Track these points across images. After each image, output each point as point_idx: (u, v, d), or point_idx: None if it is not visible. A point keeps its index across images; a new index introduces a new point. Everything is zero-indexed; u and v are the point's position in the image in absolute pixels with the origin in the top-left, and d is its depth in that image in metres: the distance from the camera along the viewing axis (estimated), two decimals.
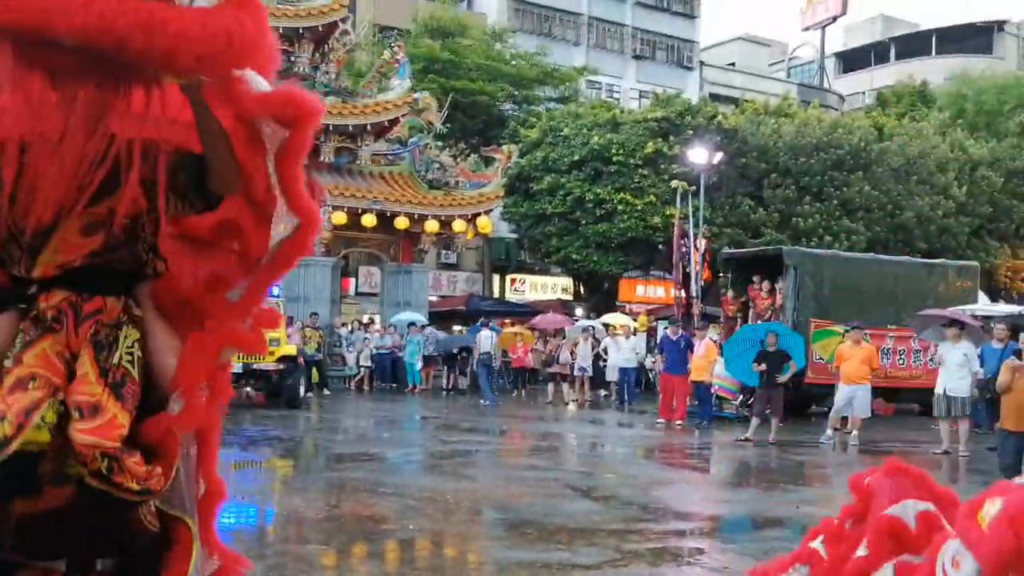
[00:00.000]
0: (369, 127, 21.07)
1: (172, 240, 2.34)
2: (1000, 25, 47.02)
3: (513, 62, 32.93)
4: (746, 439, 12.52)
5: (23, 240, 2.13)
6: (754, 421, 12.83)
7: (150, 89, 1.89)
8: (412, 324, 20.90)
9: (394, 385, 21.04)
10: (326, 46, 21.53)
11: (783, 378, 12.83)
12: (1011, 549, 1.41)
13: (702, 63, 43.43)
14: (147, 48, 1.71)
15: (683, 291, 20.12)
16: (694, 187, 21.18)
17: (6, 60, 1.78)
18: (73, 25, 1.66)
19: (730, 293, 17.44)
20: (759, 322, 15.78)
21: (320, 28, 20.55)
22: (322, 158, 20.84)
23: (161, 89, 1.98)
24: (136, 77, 1.84)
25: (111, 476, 2.04)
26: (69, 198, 2.06)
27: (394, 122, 21.61)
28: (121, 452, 2.06)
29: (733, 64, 46.61)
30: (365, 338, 20.70)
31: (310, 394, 17.34)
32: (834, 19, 43.12)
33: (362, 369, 20.67)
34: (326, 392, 17.97)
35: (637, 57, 41.23)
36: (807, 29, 44.20)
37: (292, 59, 20.39)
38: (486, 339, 19.60)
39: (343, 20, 21.28)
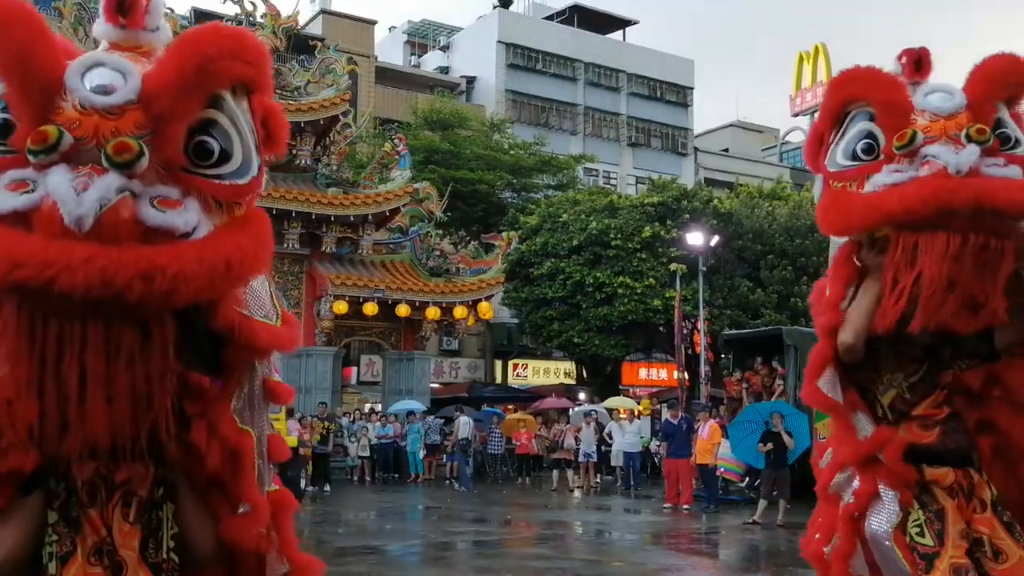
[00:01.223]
0: (371, 217, 21.36)
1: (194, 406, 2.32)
2: None
3: (511, 151, 33.60)
4: (754, 522, 12.32)
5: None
6: (761, 503, 12.65)
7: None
8: (412, 412, 20.79)
9: (396, 475, 20.79)
10: (328, 139, 22.00)
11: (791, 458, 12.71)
12: None
13: (696, 149, 44.28)
14: (147, 294, 1.78)
15: (685, 373, 20.11)
16: (690, 271, 21.37)
17: (11, 315, 1.85)
18: (75, 282, 1.73)
19: (736, 375, 17.41)
20: (757, 402, 15.71)
21: (322, 121, 21.02)
22: (324, 248, 21.07)
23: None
24: (135, 314, 1.90)
25: None
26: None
27: (395, 212, 21.92)
28: None
29: (727, 150, 47.53)
30: (364, 427, 20.51)
31: (312, 487, 17.13)
32: None
33: (360, 460, 20.41)
34: (327, 487, 17.69)
35: (633, 145, 42.06)
36: (797, 115, 45.22)
37: (294, 152, 20.80)
38: (464, 425, 19.62)
39: (344, 114, 21.78)
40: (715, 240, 23.73)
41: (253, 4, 21.05)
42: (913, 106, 2.83)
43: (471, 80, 40.72)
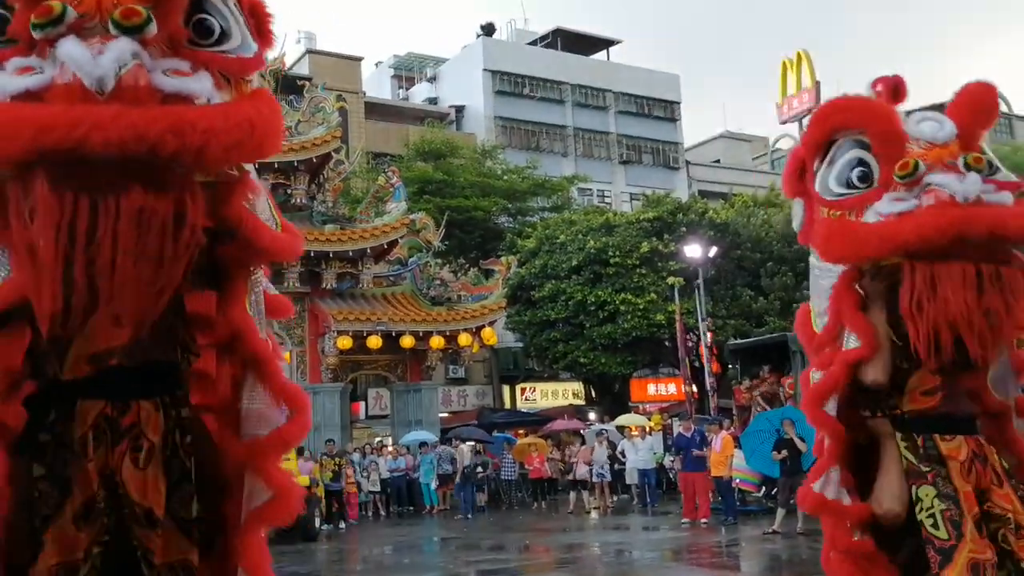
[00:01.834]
0: (369, 251, 21.40)
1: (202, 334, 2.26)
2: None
3: (504, 177, 33.73)
4: (774, 531, 12.25)
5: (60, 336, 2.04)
6: (780, 512, 12.58)
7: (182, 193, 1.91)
8: (423, 444, 20.71)
9: (411, 508, 20.68)
10: (321, 176, 22.09)
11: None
12: None
13: (688, 162, 44.44)
14: (179, 149, 1.77)
15: (693, 386, 20.07)
16: (691, 283, 21.39)
17: (41, 185, 1.78)
18: (108, 138, 1.71)
19: (745, 383, 17.37)
20: (765, 410, 15.66)
21: (314, 159, 21.12)
22: (324, 285, 21.10)
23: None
24: (166, 182, 1.87)
25: None
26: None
27: (393, 244, 21.97)
28: None
29: (718, 161, 47.69)
30: (372, 462, 20.37)
31: (327, 525, 17.04)
32: (809, 111, 44.30)
33: (370, 495, 20.21)
34: (342, 524, 17.59)
35: (624, 162, 42.23)
36: (785, 122, 45.42)
37: (288, 191, 20.90)
38: (464, 453, 19.58)
39: (336, 150, 21.89)
40: (713, 251, 23.77)
41: None
42: (907, 135, 2.90)
43: (460, 109, 40.96)
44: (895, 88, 3.08)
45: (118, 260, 1.83)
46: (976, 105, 2.97)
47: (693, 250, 22.89)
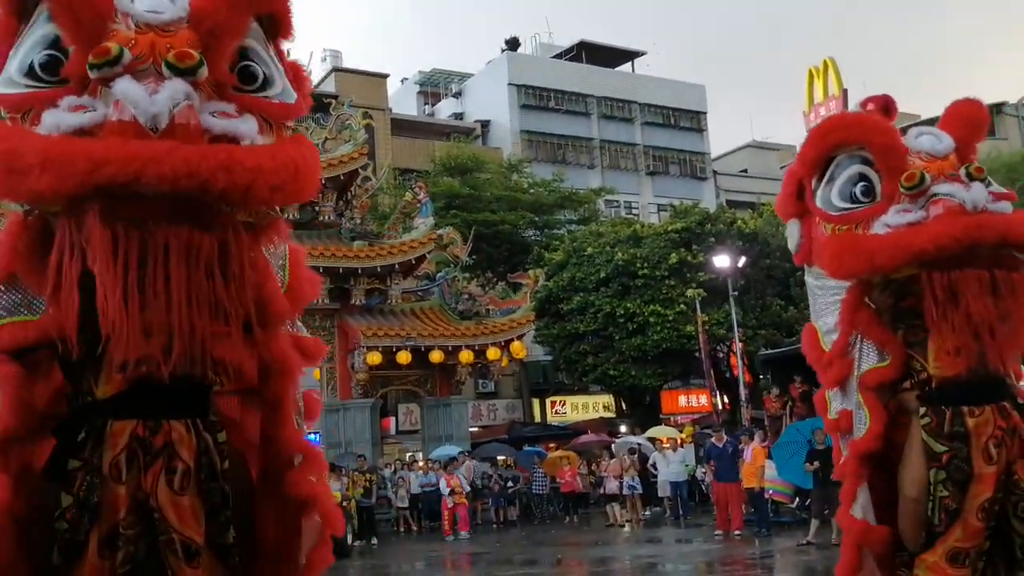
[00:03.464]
0: (397, 266, 21.50)
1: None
2: (999, 108, 47.71)
3: (531, 190, 33.78)
4: (808, 542, 12.11)
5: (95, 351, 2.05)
6: (814, 523, 12.43)
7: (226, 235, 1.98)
8: (453, 459, 20.69)
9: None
10: (349, 193, 22.26)
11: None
12: None
13: (715, 172, 44.27)
14: (229, 186, 1.83)
15: (719, 397, 19.91)
16: (720, 293, 21.24)
17: (94, 220, 1.84)
18: (162, 173, 1.77)
19: (774, 390, 17.20)
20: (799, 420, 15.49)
21: (342, 177, 21.29)
22: (353, 301, 21.22)
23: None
24: (211, 222, 1.93)
25: None
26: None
27: (421, 259, 22.06)
28: None
29: (745, 170, 47.46)
30: (402, 477, 20.27)
31: (359, 542, 17.06)
32: None
33: (399, 512, 20.05)
34: (374, 541, 17.60)
35: (651, 173, 42.15)
36: None
37: (316, 209, 21.07)
38: (468, 469, 19.58)
39: (363, 167, 22.05)
40: (742, 261, 23.62)
41: None
42: (908, 149, 2.98)
43: (485, 124, 41.14)
44: (886, 106, 3.17)
45: (172, 294, 1.89)
46: (969, 119, 3.06)
47: (722, 260, 22.77)
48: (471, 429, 25.66)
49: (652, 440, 22.46)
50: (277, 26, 2.14)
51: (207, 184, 1.80)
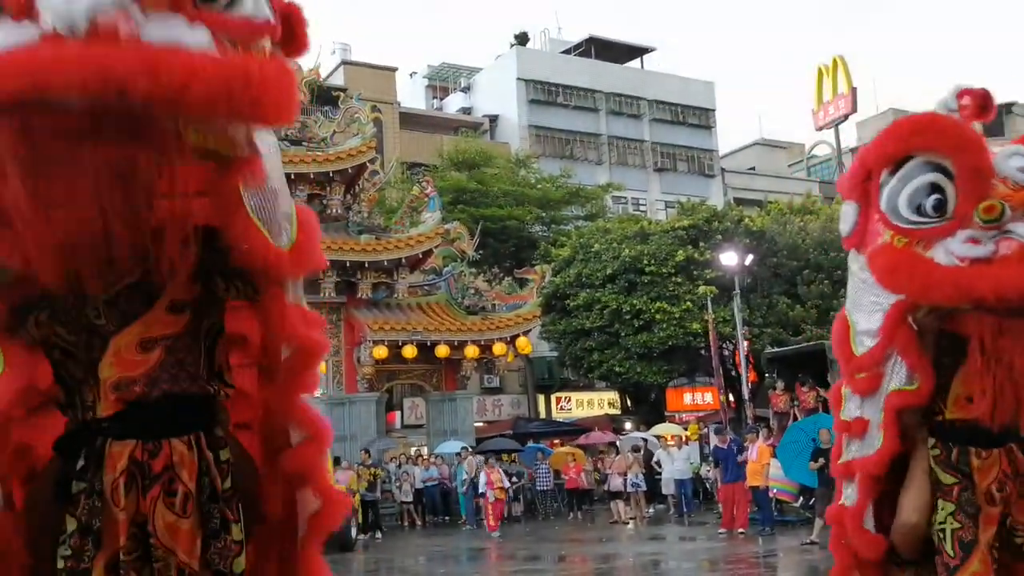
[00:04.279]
0: (404, 260, 21.51)
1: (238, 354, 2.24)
2: (1008, 108, 47.54)
3: (538, 186, 33.74)
4: (812, 542, 12.08)
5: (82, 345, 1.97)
6: (818, 522, 12.38)
7: (172, 161, 1.73)
8: (459, 453, 20.70)
9: (447, 517, 20.67)
10: (357, 186, 22.27)
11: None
12: None
13: (723, 170, 44.16)
14: (152, 89, 1.55)
15: (730, 395, 19.87)
16: (727, 291, 21.20)
17: (7, 136, 1.63)
18: (70, 78, 1.52)
19: (778, 384, 17.13)
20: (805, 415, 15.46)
21: (350, 170, 21.29)
22: (360, 295, 21.24)
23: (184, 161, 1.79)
24: (157, 144, 1.69)
25: None
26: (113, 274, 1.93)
27: (428, 254, 22.06)
28: None
29: (753, 168, 47.32)
30: (406, 472, 20.31)
31: (363, 535, 17.10)
32: (845, 117, 43.86)
33: (402, 506, 20.14)
34: (379, 535, 17.63)
35: (659, 170, 42.06)
36: (821, 129, 44.89)
37: (324, 202, 21.07)
38: (475, 465, 19.64)
39: (371, 161, 22.04)
40: (749, 259, 23.57)
41: None
42: (995, 171, 2.74)
43: (493, 119, 41.09)
44: (983, 103, 2.87)
45: (100, 215, 1.71)
46: None
47: (729, 258, 22.73)
48: (476, 424, 25.67)
49: (657, 437, 22.45)
50: None
51: (125, 87, 1.53)
